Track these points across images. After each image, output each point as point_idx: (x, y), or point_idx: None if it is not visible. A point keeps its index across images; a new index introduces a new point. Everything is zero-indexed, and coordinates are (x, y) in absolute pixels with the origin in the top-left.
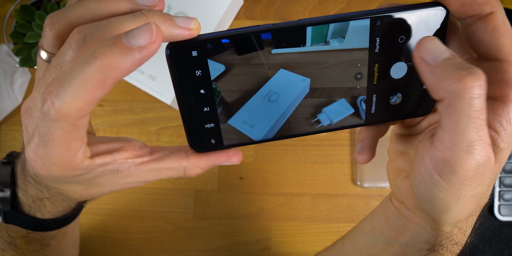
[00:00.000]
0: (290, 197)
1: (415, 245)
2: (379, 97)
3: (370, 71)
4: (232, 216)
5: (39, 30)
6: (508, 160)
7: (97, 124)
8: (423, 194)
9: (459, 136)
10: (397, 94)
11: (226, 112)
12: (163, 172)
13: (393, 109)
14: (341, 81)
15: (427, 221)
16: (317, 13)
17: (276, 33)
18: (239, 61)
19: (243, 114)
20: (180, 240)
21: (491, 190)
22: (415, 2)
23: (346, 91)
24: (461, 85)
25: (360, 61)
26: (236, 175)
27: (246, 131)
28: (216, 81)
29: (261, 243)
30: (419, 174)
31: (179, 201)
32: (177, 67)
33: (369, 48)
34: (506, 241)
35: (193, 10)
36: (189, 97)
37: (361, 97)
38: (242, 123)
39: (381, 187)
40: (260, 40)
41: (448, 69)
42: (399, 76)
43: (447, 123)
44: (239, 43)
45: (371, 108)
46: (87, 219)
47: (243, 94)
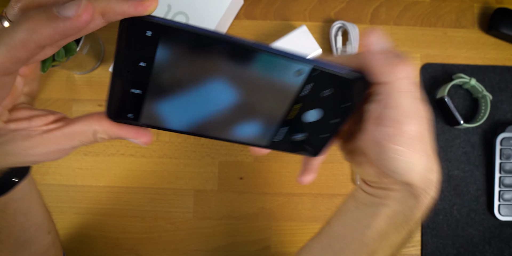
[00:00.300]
0: (290, 197)
1: (403, 202)
2: (287, 130)
3: (290, 108)
4: (232, 216)
5: None
6: (508, 160)
7: None
8: (393, 167)
9: (402, 107)
10: (302, 133)
11: (154, 94)
12: (75, 137)
13: (292, 143)
14: (265, 104)
15: (403, 184)
16: (317, 13)
17: (228, 46)
18: (186, 56)
19: (170, 102)
20: (180, 240)
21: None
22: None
23: (265, 114)
24: (395, 71)
25: (287, 95)
26: (236, 175)
27: (166, 117)
28: (159, 65)
29: (261, 243)
30: (384, 155)
31: (179, 201)
32: (126, 39)
33: (298, 89)
34: (506, 241)
35: (193, 10)
36: (126, 70)
37: (274, 124)
38: (164, 109)
39: None
40: (213, 46)
41: (387, 56)
42: (311, 119)
43: (391, 101)
44: (195, 42)
45: (276, 136)
46: (87, 219)
47: (177, 85)
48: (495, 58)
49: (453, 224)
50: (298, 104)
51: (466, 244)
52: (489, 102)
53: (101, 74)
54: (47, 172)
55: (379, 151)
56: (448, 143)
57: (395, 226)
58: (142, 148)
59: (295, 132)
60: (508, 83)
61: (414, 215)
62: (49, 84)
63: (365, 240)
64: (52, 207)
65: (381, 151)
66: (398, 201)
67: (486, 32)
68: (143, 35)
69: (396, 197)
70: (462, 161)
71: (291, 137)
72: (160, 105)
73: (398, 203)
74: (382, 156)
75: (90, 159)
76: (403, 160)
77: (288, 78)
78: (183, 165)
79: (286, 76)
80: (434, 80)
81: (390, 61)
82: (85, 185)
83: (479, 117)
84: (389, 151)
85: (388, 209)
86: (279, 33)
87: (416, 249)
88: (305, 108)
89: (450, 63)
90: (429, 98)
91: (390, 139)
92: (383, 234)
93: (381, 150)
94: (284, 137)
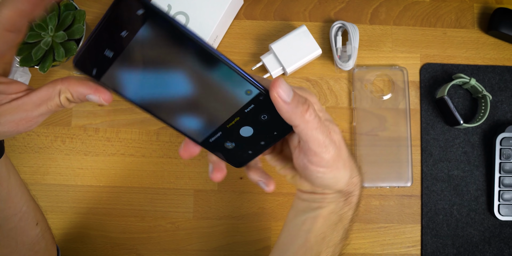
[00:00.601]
0: (290, 197)
1: (335, 202)
2: (222, 136)
3: (231, 117)
4: (232, 216)
5: (39, 30)
6: (507, 160)
7: (97, 124)
8: (321, 183)
9: (322, 144)
10: (233, 143)
11: (122, 62)
12: (42, 102)
13: (221, 149)
14: (212, 106)
15: (334, 191)
16: (317, 13)
17: (198, 48)
18: (162, 41)
19: (132, 74)
20: (180, 240)
21: (354, 160)
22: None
23: (209, 115)
24: (305, 117)
25: (232, 106)
26: (236, 175)
27: (124, 85)
28: (137, 40)
29: (261, 243)
30: (312, 175)
31: (179, 201)
32: (121, 8)
33: (243, 105)
34: (506, 241)
35: (193, 10)
36: (108, 33)
37: (213, 126)
38: (125, 78)
39: (381, 187)
40: (187, 42)
41: (296, 105)
42: (244, 134)
43: (308, 138)
44: (174, 33)
45: (211, 138)
46: (87, 219)
47: (145, 62)
48: (495, 58)
49: (453, 224)
50: (237, 117)
51: (466, 244)
52: (489, 102)
53: None
54: (47, 172)
55: (307, 173)
56: (448, 143)
57: (331, 226)
58: (142, 148)
59: (227, 140)
60: (508, 83)
61: (346, 213)
62: None
63: (308, 245)
64: (52, 207)
65: (309, 173)
66: (331, 202)
67: (485, 32)
68: (135, 11)
69: (329, 199)
70: (462, 161)
71: (223, 143)
72: (123, 73)
73: (331, 203)
74: (311, 176)
75: (90, 159)
76: (328, 177)
77: (238, 92)
78: (183, 165)
79: (238, 90)
80: (434, 80)
81: (299, 110)
82: (85, 185)
83: (479, 117)
84: (315, 172)
85: (324, 210)
86: (279, 33)
87: (416, 249)
88: (242, 123)
89: (450, 63)
90: (429, 98)
91: (314, 163)
92: (323, 236)
93: (309, 172)
94: (217, 140)
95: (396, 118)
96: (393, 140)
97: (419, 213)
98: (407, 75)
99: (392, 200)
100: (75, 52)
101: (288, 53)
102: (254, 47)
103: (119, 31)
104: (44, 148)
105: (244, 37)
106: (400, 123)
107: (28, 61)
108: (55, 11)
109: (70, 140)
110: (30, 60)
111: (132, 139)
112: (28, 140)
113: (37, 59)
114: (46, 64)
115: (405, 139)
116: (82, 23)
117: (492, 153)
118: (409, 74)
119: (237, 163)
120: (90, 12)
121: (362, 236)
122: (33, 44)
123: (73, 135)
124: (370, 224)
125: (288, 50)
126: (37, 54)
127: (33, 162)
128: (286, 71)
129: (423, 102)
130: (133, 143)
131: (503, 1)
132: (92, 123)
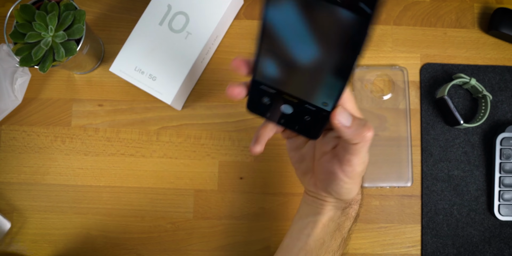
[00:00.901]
0: (290, 197)
1: (334, 210)
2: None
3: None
4: (232, 216)
5: (39, 30)
6: (508, 160)
7: (97, 124)
8: (337, 190)
9: (362, 158)
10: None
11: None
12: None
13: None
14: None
15: (336, 199)
16: None
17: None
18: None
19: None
20: (180, 240)
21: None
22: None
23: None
24: (366, 136)
25: (311, 94)
26: (236, 175)
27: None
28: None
29: (261, 243)
30: (334, 180)
31: (179, 201)
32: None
33: (311, 104)
34: (506, 241)
35: (193, 10)
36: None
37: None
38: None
39: (381, 187)
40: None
41: (358, 127)
42: (286, 111)
43: (356, 152)
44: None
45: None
46: (87, 219)
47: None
48: (495, 58)
49: (453, 224)
50: (300, 102)
51: (466, 244)
52: (489, 102)
53: (101, 74)
54: (47, 172)
55: (331, 177)
56: (448, 143)
57: (330, 233)
58: (142, 148)
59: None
60: (508, 83)
61: (344, 223)
62: (49, 84)
63: (307, 248)
64: (52, 207)
65: (333, 178)
66: (331, 210)
67: (486, 32)
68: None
69: (329, 207)
70: (462, 161)
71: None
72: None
73: (331, 211)
74: (332, 181)
75: (90, 159)
76: (346, 187)
77: (323, 92)
78: (183, 165)
79: (327, 90)
80: (434, 80)
81: (361, 130)
82: (85, 185)
83: (479, 117)
84: (340, 180)
85: (324, 217)
86: None
87: (416, 249)
88: (299, 111)
89: (450, 63)
90: (429, 98)
91: (345, 172)
92: (321, 242)
93: (334, 177)
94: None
95: (396, 118)
96: (393, 140)
97: (419, 213)
98: (407, 75)
99: (392, 200)
100: (75, 52)
101: None
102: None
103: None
104: (44, 148)
105: (244, 37)
106: (400, 123)
107: (28, 61)
108: (55, 11)
109: (70, 140)
110: (30, 60)
111: (132, 139)
112: (28, 140)
113: (37, 59)
114: (46, 64)
115: (405, 139)
116: (82, 23)
117: (492, 153)
118: (409, 74)
119: (313, 134)
120: (90, 12)
121: (362, 236)
122: (33, 44)
123: (73, 135)
124: (370, 224)
125: None
126: (37, 54)
127: (33, 162)
128: None
129: (423, 102)
130: (133, 143)
131: (503, 1)
132: (92, 123)
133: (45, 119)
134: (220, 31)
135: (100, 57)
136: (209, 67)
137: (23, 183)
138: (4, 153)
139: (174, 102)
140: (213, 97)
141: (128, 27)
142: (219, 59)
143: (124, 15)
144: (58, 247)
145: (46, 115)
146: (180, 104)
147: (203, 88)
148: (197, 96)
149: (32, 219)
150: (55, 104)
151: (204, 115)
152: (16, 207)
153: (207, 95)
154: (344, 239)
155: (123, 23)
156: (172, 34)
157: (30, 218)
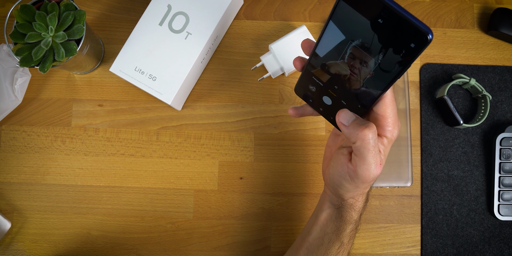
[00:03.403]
0: (290, 197)
1: (332, 209)
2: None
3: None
4: (232, 216)
5: (39, 30)
6: (507, 160)
7: (97, 124)
8: (336, 181)
9: (364, 161)
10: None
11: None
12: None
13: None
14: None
15: (333, 194)
16: (317, 13)
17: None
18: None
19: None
20: (180, 240)
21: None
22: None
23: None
24: (362, 133)
25: (348, 93)
26: (236, 175)
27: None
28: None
29: (261, 243)
30: (338, 171)
31: (179, 201)
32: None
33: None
34: (506, 241)
35: (193, 10)
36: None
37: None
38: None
39: (381, 187)
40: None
41: (355, 126)
42: (327, 103)
43: (358, 153)
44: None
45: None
46: (87, 219)
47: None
48: (494, 58)
49: (453, 224)
50: (336, 94)
51: (466, 244)
52: (489, 102)
53: (101, 74)
54: (47, 172)
55: (336, 169)
56: (448, 143)
57: (328, 235)
58: (142, 148)
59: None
60: (508, 83)
61: (341, 227)
62: (49, 84)
63: (309, 247)
64: (52, 207)
65: (337, 170)
66: (329, 207)
67: (485, 32)
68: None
69: (327, 203)
70: (462, 161)
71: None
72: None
73: (329, 209)
74: (335, 173)
75: (90, 159)
76: (344, 184)
77: (361, 96)
78: (183, 165)
79: (365, 95)
80: (434, 80)
81: (357, 128)
82: (85, 185)
83: (478, 117)
84: (340, 176)
85: (323, 214)
86: (279, 33)
87: (416, 249)
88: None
89: (450, 63)
90: (429, 98)
91: (347, 170)
92: (320, 242)
93: (338, 169)
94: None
95: None
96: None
97: (419, 213)
98: (407, 75)
99: (392, 200)
100: (75, 53)
101: (287, 54)
102: (254, 47)
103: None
104: (44, 148)
105: (244, 37)
106: (400, 123)
107: (28, 61)
108: (55, 11)
109: (70, 140)
110: (30, 60)
111: (132, 139)
112: (28, 140)
113: (37, 59)
114: (46, 64)
115: (405, 139)
116: (82, 23)
117: (492, 153)
118: (409, 74)
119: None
120: (90, 12)
121: (362, 236)
122: (33, 44)
123: (73, 135)
124: (370, 224)
125: (288, 50)
126: (37, 54)
127: (33, 162)
128: (285, 71)
129: (423, 102)
130: (133, 143)
131: (503, 1)
132: (92, 123)
133: (45, 119)
134: (220, 31)
135: (100, 57)
136: (209, 67)
137: (23, 183)
138: (4, 153)
139: (174, 102)
140: (213, 97)
141: (128, 27)
142: (219, 59)
143: (124, 15)
144: (58, 247)
145: (46, 115)
146: (180, 104)
147: (203, 88)
148: (197, 96)
149: (32, 219)
150: (55, 104)
151: (204, 115)
152: (16, 207)
153: (207, 95)
154: (343, 244)
155: (123, 23)
156: (172, 34)
157: (30, 218)
